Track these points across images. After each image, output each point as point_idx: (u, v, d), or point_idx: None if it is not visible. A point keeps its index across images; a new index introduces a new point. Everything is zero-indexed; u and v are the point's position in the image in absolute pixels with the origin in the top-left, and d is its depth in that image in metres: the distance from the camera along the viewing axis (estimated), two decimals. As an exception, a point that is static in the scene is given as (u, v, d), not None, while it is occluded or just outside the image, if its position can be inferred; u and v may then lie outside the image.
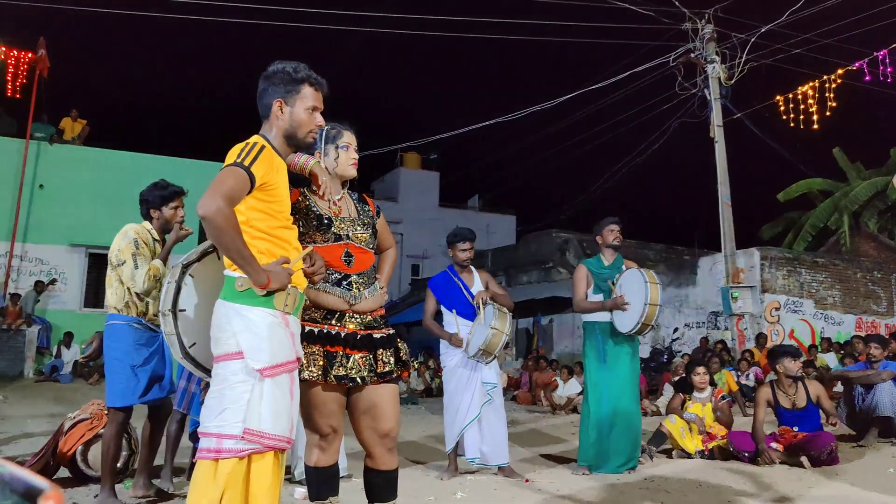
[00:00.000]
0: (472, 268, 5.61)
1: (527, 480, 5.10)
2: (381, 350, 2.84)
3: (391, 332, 2.94)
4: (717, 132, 14.31)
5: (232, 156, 2.46)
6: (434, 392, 14.77)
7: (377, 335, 2.87)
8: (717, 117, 14.31)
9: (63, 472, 4.74)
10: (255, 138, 2.57)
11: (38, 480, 1.11)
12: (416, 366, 16.06)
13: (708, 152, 14.56)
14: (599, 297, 5.59)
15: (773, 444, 5.72)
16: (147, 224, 4.27)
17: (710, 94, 14.30)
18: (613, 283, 5.54)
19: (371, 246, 2.99)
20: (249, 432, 2.32)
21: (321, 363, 2.73)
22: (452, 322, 5.49)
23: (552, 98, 15.54)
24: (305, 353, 2.71)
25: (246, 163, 2.42)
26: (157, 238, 4.24)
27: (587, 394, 5.57)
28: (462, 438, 5.35)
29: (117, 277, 4.08)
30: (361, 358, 2.79)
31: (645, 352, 15.05)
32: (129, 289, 4.06)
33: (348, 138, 3.04)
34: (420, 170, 33.78)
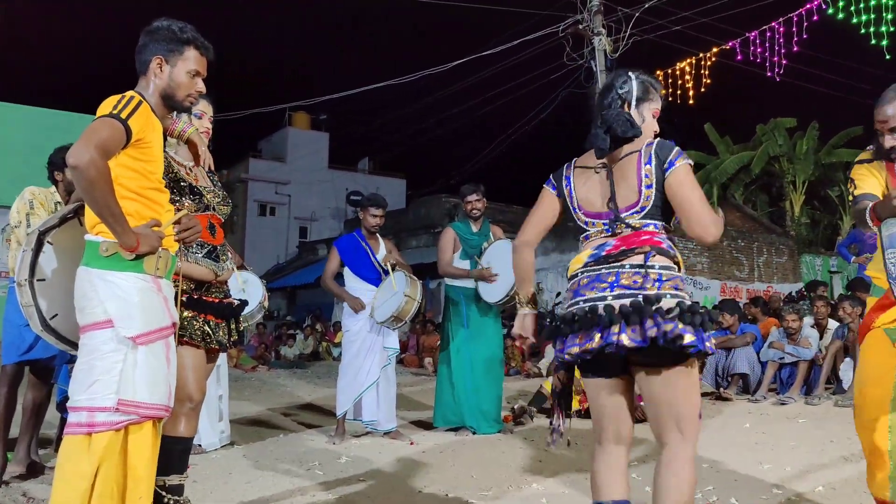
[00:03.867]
0: (378, 235, 5.60)
1: (412, 443, 5.18)
2: (232, 319, 2.99)
3: (237, 302, 3.10)
4: (602, 103, 14.76)
5: (106, 107, 2.30)
6: (321, 356, 14.68)
7: (232, 304, 3.02)
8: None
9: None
10: (131, 92, 2.41)
11: None
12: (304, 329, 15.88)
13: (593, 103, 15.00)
14: (466, 264, 5.73)
15: (643, 403, 6.07)
16: (53, 188, 4.17)
17: (596, 65, 14.70)
18: (481, 253, 5.68)
19: (225, 217, 3.06)
20: (124, 403, 2.23)
21: (200, 329, 2.79)
22: (355, 286, 5.49)
23: (445, 62, 15.51)
24: (185, 318, 2.75)
25: (123, 115, 2.27)
26: (61, 201, 4.10)
27: (448, 358, 5.70)
28: (359, 402, 5.37)
29: (16, 239, 4.00)
30: (223, 326, 2.93)
31: (529, 315, 15.52)
32: None
33: (203, 106, 3.04)
34: (309, 130, 33.02)
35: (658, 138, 2.41)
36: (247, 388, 9.19)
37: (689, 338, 2.11)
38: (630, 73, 2.48)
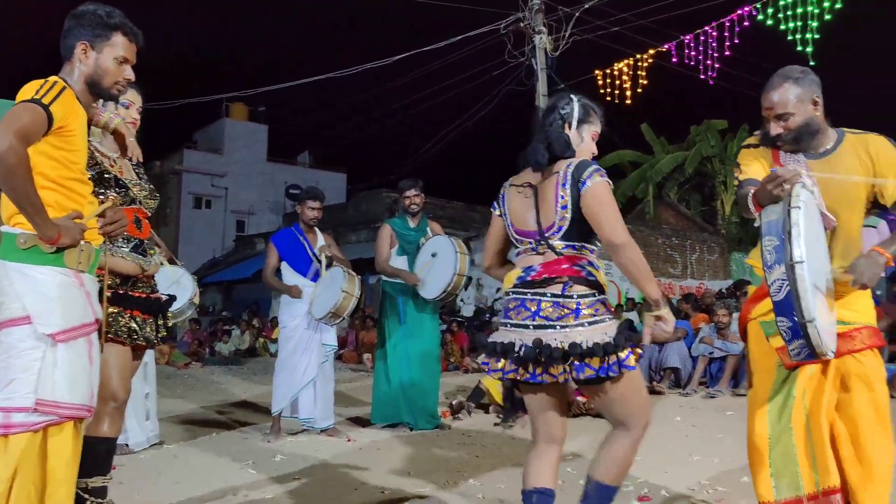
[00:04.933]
0: (316, 229, 5.52)
1: (349, 440, 5.13)
2: (160, 315, 2.93)
3: (165, 297, 3.03)
4: (542, 101, 14.92)
5: (28, 91, 2.19)
6: (258, 352, 14.42)
7: (160, 300, 2.96)
8: (542, 87, 14.90)
9: None
10: (54, 78, 2.30)
11: None
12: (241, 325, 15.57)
13: (534, 120, 15.15)
14: (404, 260, 5.70)
15: (579, 398, 6.15)
16: None
17: (536, 63, 14.84)
18: (418, 249, 5.68)
19: (151, 211, 2.99)
20: (43, 403, 2.14)
21: (126, 325, 2.73)
22: (293, 281, 5.42)
23: (387, 57, 15.42)
24: (110, 314, 2.66)
25: (45, 101, 2.17)
26: None
27: (386, 354, 5.67)
28: (296, 400, 5.29)
29: None
30: (151, 322, 2.86)
31: (468, 311, 15.61)
32: None
33: (131, 96, 2.96)
34: (247, 122, 32.32)
35: (580, 159, 2.47)
36: (179, 386, 8.95)
37: (587, 372, 2.28)
38: (573, 96, 2.60)
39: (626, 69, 12.94)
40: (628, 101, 12.96)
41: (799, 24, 9.48)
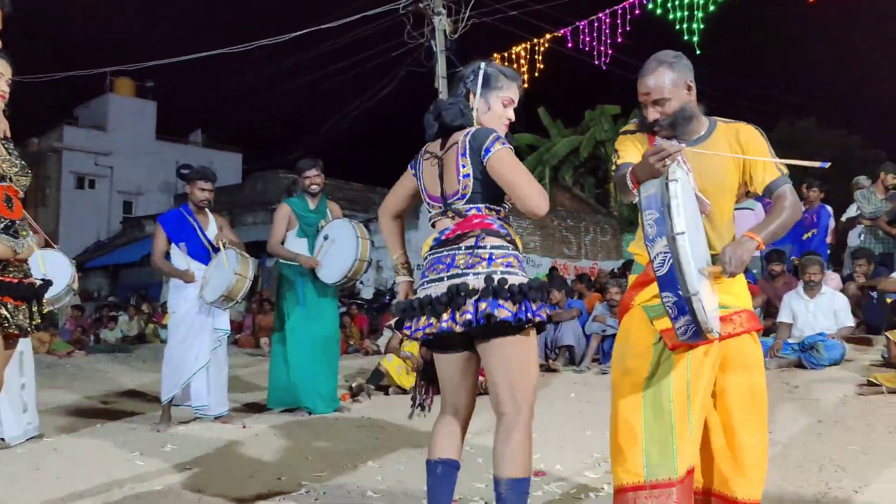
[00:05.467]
0: (207, 211, 5.30)
1: (244, 426, 4.99)
2: (34, 301, 2.73)
3: (40, 282, 2.82)
4: (442, 83, 14.94)
5: None
6: (147, 339, 13.83)
7: (34, 285, 2.75)
8: (441, 69, 14.92)
9: None
10: None
11: None
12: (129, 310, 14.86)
13: (433, 102, 15.16)
14: (303, 242, 5.58)
15: (480, 378, 6.24)
16: None
17: (436, 45, 14.84)
18: (318, 231, 5.58)
19: (23, 189, 2.78)
20: None
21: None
22: (183, 264, 5.20)
23: (286, 33, 14.99)
24: None
25: None
26: None
27: (283, 337, 5.56)
28: (188, 387, 5.11)
29: None
30: (24, 309, 2.67)
31: (368, 293, 15.52)
32: None
33: (1, 67, 2.71)
34: (134, 98, 30.67)
35: (476, 128, 2.49)
36: (61, 376, 8.43)
37: (502, 313, 2.28)
38: (481, 63, 2.59)
39: (523, 53, 13.13)
40: (525, 85, 13.09)
41: (686, 13, 9.89)
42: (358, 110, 18.58)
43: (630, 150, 2.52)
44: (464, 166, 2.43)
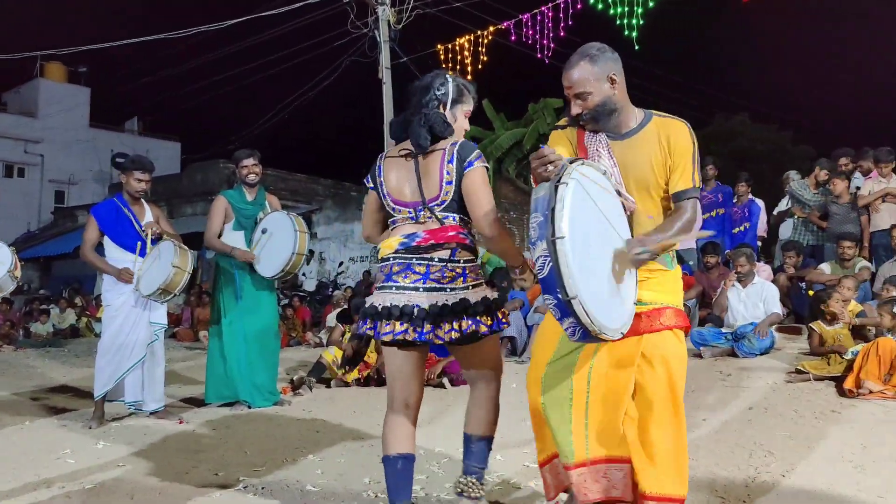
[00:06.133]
0: (143, 201, 5.14)
1: (181, 422, 4.88)
2: None
3: None
4: (385, 74, 14.82)
5: None
6: (81, 333, 13.39)
7: None
8: (385, 59, 14.79)
9: None
10: None
11: None
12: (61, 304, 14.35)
13: (377, 92, 15.04)
14: (240, 235, 5.47)
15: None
16: None
17: (380, 35, 14.70)
18: (256, 223, 5.48)
19: None
20: None
21: None
22: (118, 257, 5.04)
23: (226, 19, 14.63)
24: None
25: None
26: None
27: (220, 331, 5.45)
28: (122, 382, 4.97)
29: None
30: None
31: (311, 285, 15.37)
32: None
33: None
34: (66, 83, 29.55)
35: (463, 139, 2.68)
36: (-13, 372, 8.11)
37: (482, 328, 2.56)
38: (448, 76, 2.75)
39: (467, 45, 13.12)
40: (469, 77, 13.15)
41: (626, 9, 10.03)
42: (301, 100, 18.29)
43: (557, 147, 2.47)
44: (448, 173, 2.58)
